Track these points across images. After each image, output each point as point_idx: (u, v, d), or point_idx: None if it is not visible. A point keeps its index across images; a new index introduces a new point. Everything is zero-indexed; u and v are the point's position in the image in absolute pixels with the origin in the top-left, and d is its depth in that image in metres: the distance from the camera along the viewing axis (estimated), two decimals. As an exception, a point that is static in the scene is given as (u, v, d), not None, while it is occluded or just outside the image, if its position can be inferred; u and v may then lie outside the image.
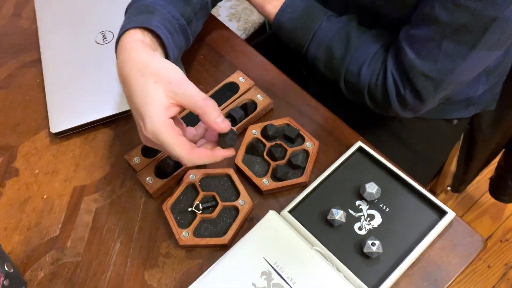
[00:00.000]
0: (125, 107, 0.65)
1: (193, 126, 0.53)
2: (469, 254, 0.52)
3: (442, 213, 0.53)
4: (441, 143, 0.89)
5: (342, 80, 0.65)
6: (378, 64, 0.62)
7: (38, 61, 0.73)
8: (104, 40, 0.72)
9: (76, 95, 0.67)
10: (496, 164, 1.07)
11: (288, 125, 0.61)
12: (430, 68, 0.58)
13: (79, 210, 0.58)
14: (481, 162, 1.03)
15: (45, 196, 0.60)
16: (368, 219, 0.54)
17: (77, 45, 0.72)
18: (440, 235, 0.53)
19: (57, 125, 0.64)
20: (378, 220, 0.54)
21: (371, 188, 0.54)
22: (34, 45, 0.75)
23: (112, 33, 0.72)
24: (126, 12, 0.60)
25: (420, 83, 0.60)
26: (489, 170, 1.16)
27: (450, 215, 0.53)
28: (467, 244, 0.53)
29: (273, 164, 0.58)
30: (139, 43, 0.50)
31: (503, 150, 1.02)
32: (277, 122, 0.61)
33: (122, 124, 0.65)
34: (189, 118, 0.62)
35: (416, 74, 0.59)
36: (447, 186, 1.26)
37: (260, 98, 0.63)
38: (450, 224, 0.54)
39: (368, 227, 0.54)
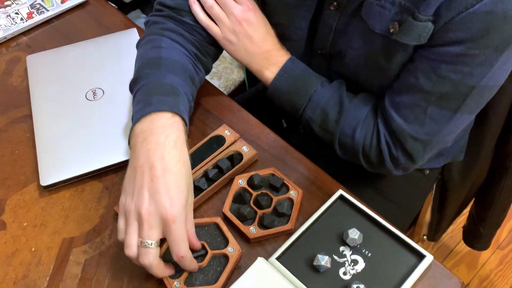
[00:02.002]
0: (113, 161, 0.67)
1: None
2: (448, 296, 0.55)
3: (421, 256, 0.56)
4: (416, 193, 0.94)
5: (337, 142, 0.70)
6: (370, 126, 0.67)
7: (28, 116, 0.75)
8: (95, 96, 0.75)
9: (66, 149, 0.69)
10: (468, 212, 1.12)
11: (273, 175, 0.64)
12: (418, 131, 0.64)
13: (67, 261, 0.59)
14: (454, 211, 1.08)
15: (33, 249, 0.60)
16: (352, 264, 0.56)
17: (67, 101, 0.75)
18: (420, 278, 0.56)
19: (47, 178, 0.65)
20: (361, 265, 0.56)
21: (354, 234, 0.57)
22: (24, 102, 0.77)
23: (102, 90, 0.76)
24: (139, 81, 0.63)
25: (410, 145, 0.65)
26: (462, 219, 1.21)
27: (429, 258, 0.56)
28: (446, 287, 0.55)
29: (259, 212, 0.61)
30: (183, 136, 0.56)
31: (473, 198, 1.07)
32: (262, 172, 0.64)
33: (111, 177, 0.67)
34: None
35: (406, 137, 0.64)
36: (423, 235, 1.29)
37: (246, 150, 0.67)
38: (429, 267, 0.56)
39: (352, 272, 0.56)
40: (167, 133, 0.55)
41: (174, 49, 0.67)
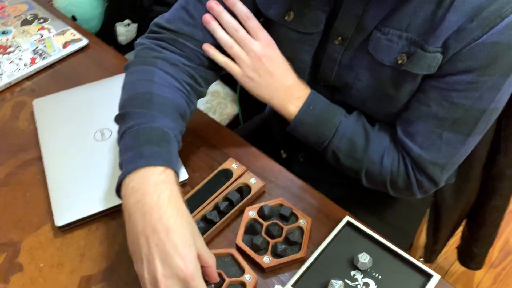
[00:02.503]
0: (116, 203, 0.69)
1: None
2: (457, 313, 0.57)
3: (428, 276, 0.59)
4: (413, 216, 0.97)
5: (364, 170, 0.72)
6: (395, 153, 0.71)
7: (38, 159, 0.77)
8: (103, 137, 0.78)
9: (78, 188, 0.71)
10: (461, 233, 1.15)
11: (281, 205, 0.67)
12: (436, 157, 0.68)
13: (87, 300, 0.60)
14: (448, 232, 1.11)
15: (51, 289, 0.61)
16: (364, 287, 0.59)
17: (77, 142, 0.77)
18: (429, 297, 0.59)
19: (61, 218, 0.67)
20: (373, 287, 0.59)
21: (364, 258, 0.60)
22: (33, 144, 0.79)
23: (110, 130, 0.79)
24: (128, 120, 0.62)
25: (430, 170, 0.69)
26: (454, 240, 1.25)
27: (436, 277, 0.59)
28: (454, 304, 0.58)
29: (271, 242, 0.63)
30: (176, 189, 0.56)
31: (466, 219, 1.11)
32: (271, 203, 0.67)
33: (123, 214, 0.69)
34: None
35: (425, 163, 0.68)
36: (419, 258, 1.32)
37: (254, 182, 0.70)
38: (436, 286, 0.59)
39: (364, 294, 0.59)
40: (159, 192, 0.54)
41: (166, 85, 0.66)
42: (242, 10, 0.70)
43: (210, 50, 0.71)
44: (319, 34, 0.70)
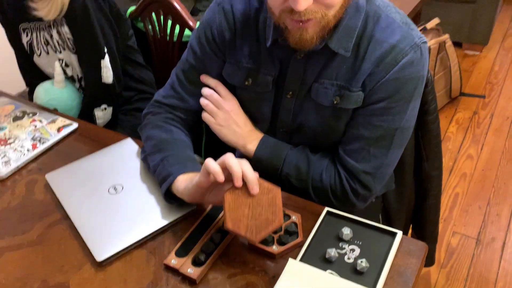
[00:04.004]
0: (147, 232, 0.84)
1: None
2: (419, 255, 0.78)
3: (393, 234, 0.81)
4: (368, 218, 1.19)
5: (311, 187, 0.94)
6: (332, 170, 0.93)
7: (62, 219, 0.90)
8: (116, 191, 0.94)
9: (108, 230, 0.85)
10: (410, 235, 1.38)
11: (275, 210, 0.87)
12: (366, 167, 0.91)
13: (141, 308, 0.73)
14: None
15: (107, 309, 0.74)
16: (351, 251, 0.79)
17: (94, 198, 0.92)
18: (398, 248, 0.79)
19: (101, 254, 0.81)
20: (357, 250, 0.79)
21: (346, 231, 0.80)
22: (54, 210, 0.93)
23: (121, 185, 0.95)
24: (163, 152, 0.91)
25: (363, 178, 0.91)
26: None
27: (399, 233, 0.80)
28: (416, 250, 0.79)
29: (275, 236, 0.82)
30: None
31: (411, 223, 1.34)
32: (268, 210, 0.86)
33: (150, 244, 0.84)
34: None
35: (359, 172, 0.91)
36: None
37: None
38: (401, 240, 0.80)
39: (353, 256, 0.78)
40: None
41: (181, 133, 0.98)
42: (212, 81, 0.98)
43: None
44: (272, 93, 0.96)
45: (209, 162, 0.75)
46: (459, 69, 2.44)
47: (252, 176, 0.75)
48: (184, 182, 0.84)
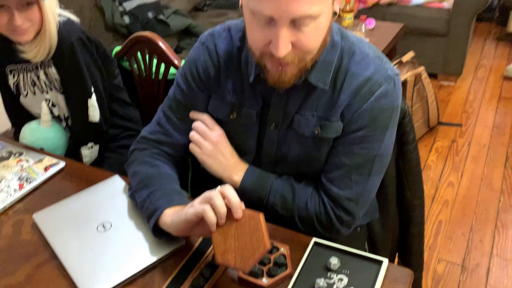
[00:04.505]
0: (138, 269, 0.85)
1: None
2: (406, 282, 0.80)
3: (380, 262, 0.83)
4: (355, 247, 1.21)
5: (296, 216, 0.96)
6: (316, 198, 0.95)
7: (50, 259, 0.90)
8: (105, 228, 0.94)
9: (99, 269, 0.85)
10: (396, 263, 1.40)
11: (264, 242, 0.88)
12: (349, 193, 0.93)
13: None
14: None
15: None
16: (339, 280, 0.80)
17: (83, 237, 0.92)
18: (385, 275, 0.81)
19: (91, 293, 0.81)
20: (345, 280, 0.81)
21: (334, 260, 0.82)
22: (41, 250, 0.92)
23: (110, 222, 0.95)
24: (150, 187, 0.92)
25: (346, 204, 0.94)
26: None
27: (385, 261, 0.82)
28: (402, 277, 0.81)
29: (265, 268, 0.83)
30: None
31: (397, 252, 1.36)
32: (256, 242, 0.88)
33: (141, 280, 0.84)
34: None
35: (342, 199, 0.94)
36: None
37: (238, 232, 0.90)
38: (388, 267, 0.82)
39: (341, 285, 0.79)
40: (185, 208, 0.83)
41: (167, 167, 0.99)
42: (199, 115, 1.01)
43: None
44: (256, 125, 0.99)
45: (207, 213, 0.77)
46: (435, 100, 2.53)
47: (236, 200, 0.77)
48: (170, 216, 0.85)
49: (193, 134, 1.00)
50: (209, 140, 0.99)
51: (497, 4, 3.89)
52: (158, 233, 0.88)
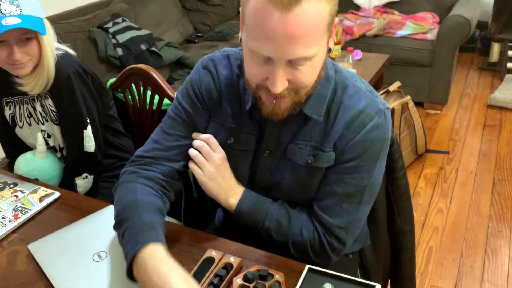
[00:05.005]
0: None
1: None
2: (398, 307, 0.82)
3: (372, 287, 0.84)
4: (347, 274, 1.22)
5: (291, 241, 0.98)
6: (310, 226, 0.98)
7: (45, 289, 0.90)
8: (100, 258, 0.95)
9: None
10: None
11: (258, 269, 0.89)
12: (340, 222, 0.96)
13: None
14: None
15: None
16: (333, 306, 0.82)
17: (79, 266, 0.93)
18: (378, 302, 0.83)
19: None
20: (339, 305, 0.82)
21: (328, 286, 0.84)
22: (37, 280, 0.93)
23: (105, 252, 0.96)
24: (123, 224, 0.88)
25: (337, 232, 0.96)
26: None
27: (378, 286, 0.84)
28: (395, 302, 0.83)
29: (260, 296, 0.84)
30: (164, 253, 0.82)
31: (389, 278, 1.37)
32: (251, 270, 0.89)
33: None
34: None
35: (333, 228, 0.96)
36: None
37: (233, 260, 0.92)
38: (380, 293, 0.84)
39: (335, 311, 0.81)
40: (154, 259, 0.80)
41: (146, 193, 0.94)
42: (204, 135, 1.01)
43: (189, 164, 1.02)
44: (252, 151, 1.02)
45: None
46: (422, 128, 2.59)
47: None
48: (136, 269, 0.82)
49: (196, 154, 0.99)
50: (212, 162, 0.99)
51: (479, 35, 4.04)
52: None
